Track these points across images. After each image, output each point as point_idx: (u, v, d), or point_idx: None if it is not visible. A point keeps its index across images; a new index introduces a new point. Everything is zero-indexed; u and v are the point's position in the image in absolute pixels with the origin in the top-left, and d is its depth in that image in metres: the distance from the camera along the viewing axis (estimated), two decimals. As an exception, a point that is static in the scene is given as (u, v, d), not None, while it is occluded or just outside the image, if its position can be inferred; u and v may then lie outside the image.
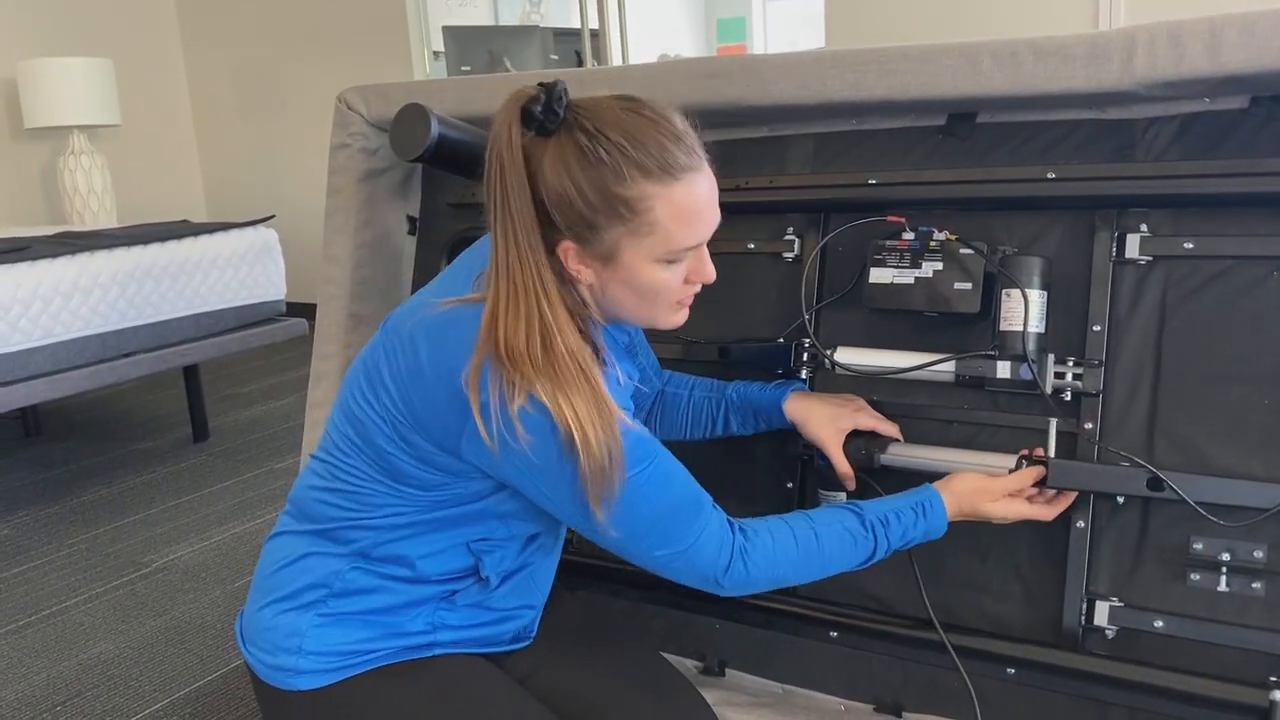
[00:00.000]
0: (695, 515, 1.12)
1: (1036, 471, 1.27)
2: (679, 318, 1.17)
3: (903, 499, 1.23)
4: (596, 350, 1.09)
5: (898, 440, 1.42)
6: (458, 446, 1.08)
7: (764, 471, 1.57)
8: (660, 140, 1.04)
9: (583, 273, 1.09)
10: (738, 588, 1.15)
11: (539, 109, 1.03)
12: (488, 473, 1.11)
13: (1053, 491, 1.29)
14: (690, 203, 1.06)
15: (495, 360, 1.02)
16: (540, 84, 1.05)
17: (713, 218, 1.10)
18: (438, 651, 1.21)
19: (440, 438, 1.09)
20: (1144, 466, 1.26)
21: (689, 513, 1.12)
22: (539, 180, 1.04)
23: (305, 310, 3.37)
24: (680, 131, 1.06)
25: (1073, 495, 1.29)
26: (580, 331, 1.08)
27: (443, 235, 1.94)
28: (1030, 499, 1.28)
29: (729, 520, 1.15)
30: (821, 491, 1.47)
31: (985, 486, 1.25)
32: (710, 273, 1.14)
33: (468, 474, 1.12)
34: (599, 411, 1.03)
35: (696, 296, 1.17)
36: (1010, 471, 1.28)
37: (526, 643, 1.30)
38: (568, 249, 1.07)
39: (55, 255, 2.79)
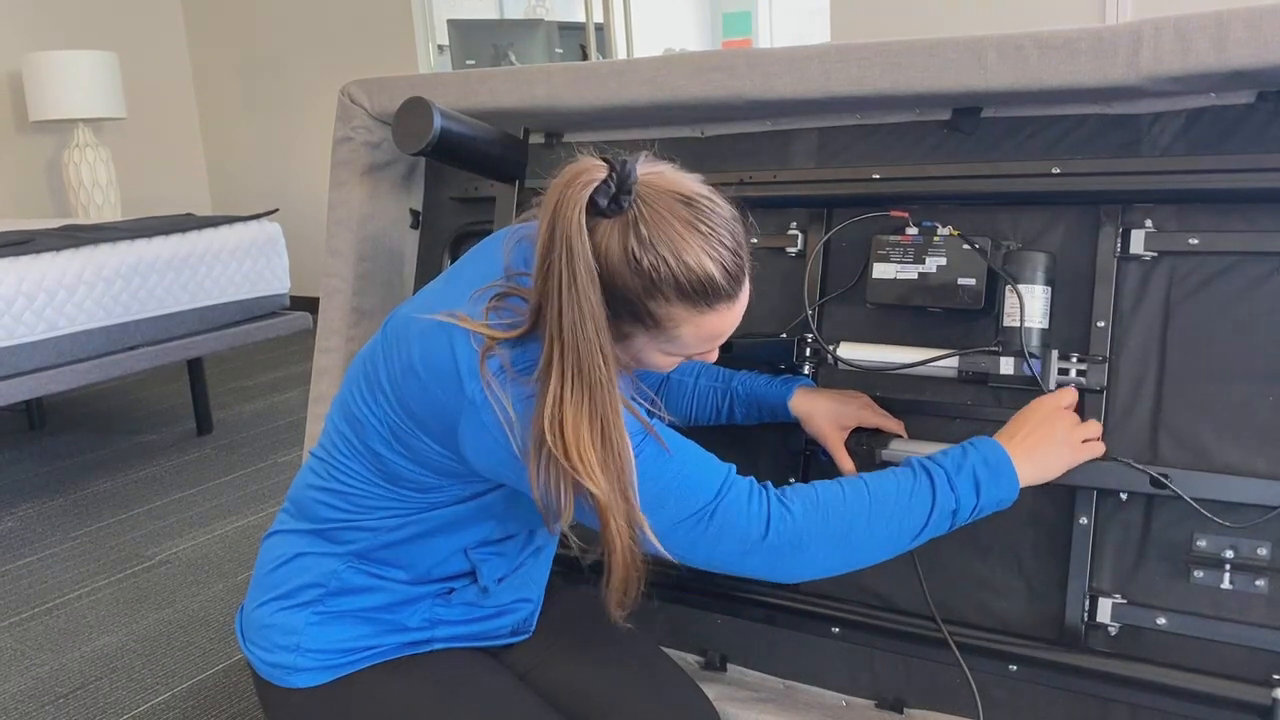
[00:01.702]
0: (714, 472, 1.06)
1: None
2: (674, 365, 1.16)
3: (949, 448, 1.16)
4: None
5: (901, 437, 1.41)
6: (455, 442, 1.07)
7: (766, 467, 1.57)
8: (706, 265, 0.99)
9: None
10: (791, 547, 1.06)
11: (605, 201, 0.98)
12: (484, 475, 1.10)
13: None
14: (718, 328, 1.05)
15: (560, 451, 0.99)
16: (608, 164, 0.99)
17: (734, 326, 1.08)
18: (436, 647, 1.21)
19: (440, 434, 1.08)
20: (1148, 464, 1.26)
21: (706, 471, 1.06)
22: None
23: (309, 304, 3.38)
24: (729, 251, 1.01)
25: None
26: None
27: (445, 229, 1.94)
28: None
29: (756, 480, 1.09)
30: (824, 487, 1.46)
31: (1031, 413, 1.19)
32: (714, 358, 1.14)
33: (464, 475, 1.11)
34: (625, 504, 1.01)
35: None
36: None
37: (526, 636, 1.31)
38: None
39: (59, 248, 2.79)
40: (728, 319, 1.05)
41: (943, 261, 1.38)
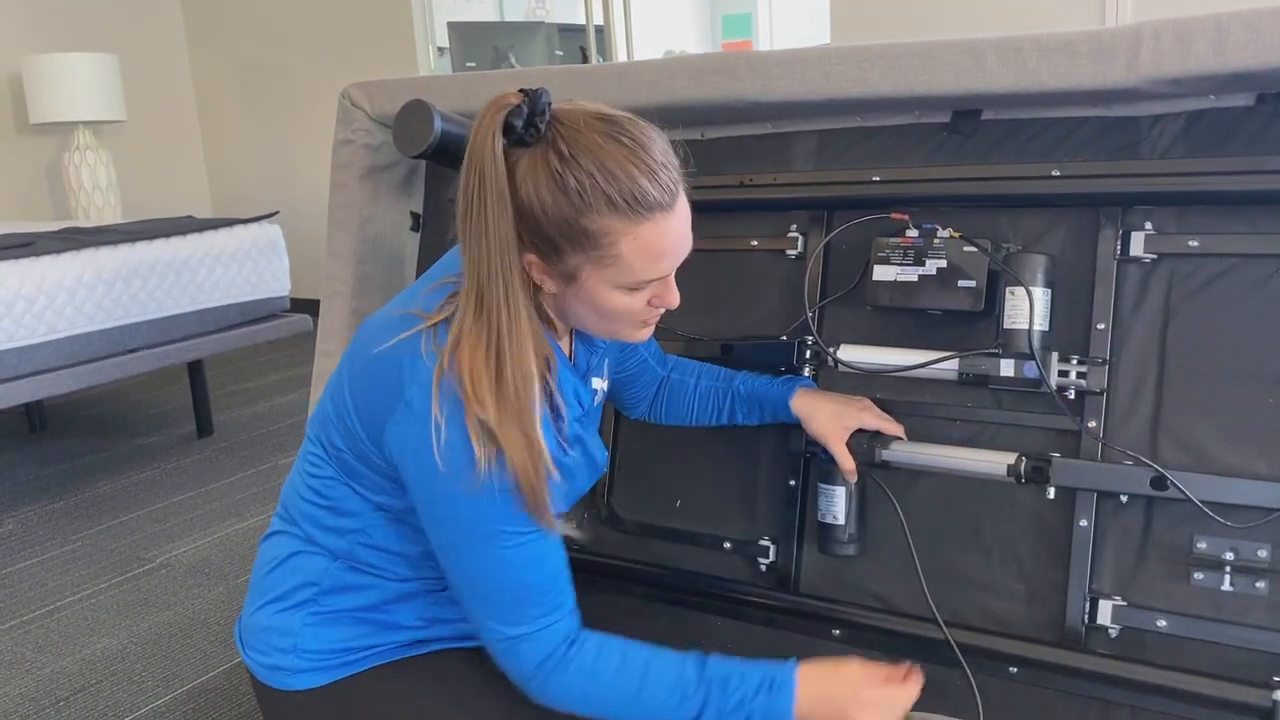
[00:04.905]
0: (551, 608, 1.08)
1: (917, 684, 1.18)
2: (642, 334, 1.15)
3: (757, 667, 1.12)
4: (545, 382, 1.08)
5: (901, 439, 1.42)
6: (381, 435, 1.08)
7: (767, 469, 1.57)
8: (633, 173, 0.99)
9: (546, 284, 1.07)
10: (544, 697, 1.10)
11: (520, 122, 0.99)
12: (398, 474, 1.09)
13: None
14: (657, 241, 1.03)
15: (457, 381, 1.01)
16: (523, 91, 1.01)
17: (682, 250, 1.07)
18: (434, 648, 1.21)
19: (370, 421, 1.09)
20: (1148, 465, 1.26)
21: (543, 602, 1.08)
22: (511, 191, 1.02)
23: (309, 306, 3.37)
24: (657, 164, 1.01)
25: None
26: (541, 349, 1.07)
27: (446, 232, 1.94)
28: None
29: (573, 633, 1.11)
30: (821, 485, 1.46)
31: (848, 674, 1.14)
32: (674, 300, 1.11)
33: (390, 475, 1.12)
34: (530, 450, 1.02)
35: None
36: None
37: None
38: (531, 261, 1.04)
39: (60, 251, 2.79)
40: (665, 231, 1.03)
41: (943, 264, 1.38)
